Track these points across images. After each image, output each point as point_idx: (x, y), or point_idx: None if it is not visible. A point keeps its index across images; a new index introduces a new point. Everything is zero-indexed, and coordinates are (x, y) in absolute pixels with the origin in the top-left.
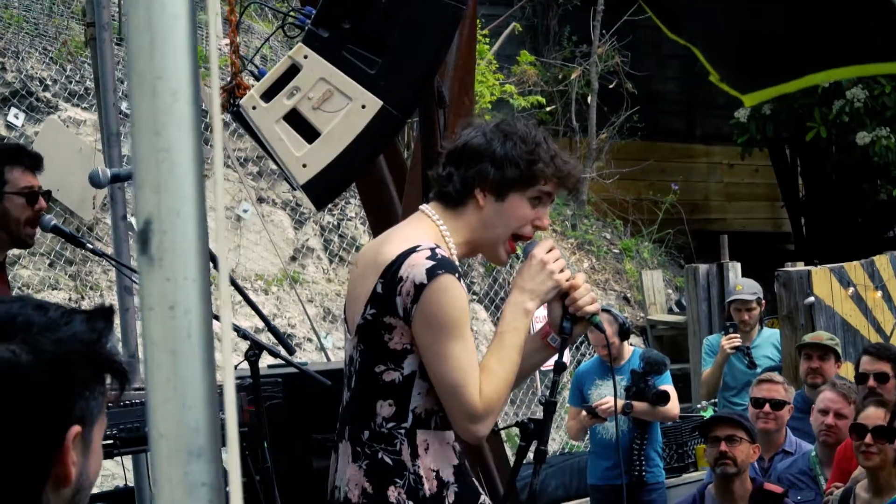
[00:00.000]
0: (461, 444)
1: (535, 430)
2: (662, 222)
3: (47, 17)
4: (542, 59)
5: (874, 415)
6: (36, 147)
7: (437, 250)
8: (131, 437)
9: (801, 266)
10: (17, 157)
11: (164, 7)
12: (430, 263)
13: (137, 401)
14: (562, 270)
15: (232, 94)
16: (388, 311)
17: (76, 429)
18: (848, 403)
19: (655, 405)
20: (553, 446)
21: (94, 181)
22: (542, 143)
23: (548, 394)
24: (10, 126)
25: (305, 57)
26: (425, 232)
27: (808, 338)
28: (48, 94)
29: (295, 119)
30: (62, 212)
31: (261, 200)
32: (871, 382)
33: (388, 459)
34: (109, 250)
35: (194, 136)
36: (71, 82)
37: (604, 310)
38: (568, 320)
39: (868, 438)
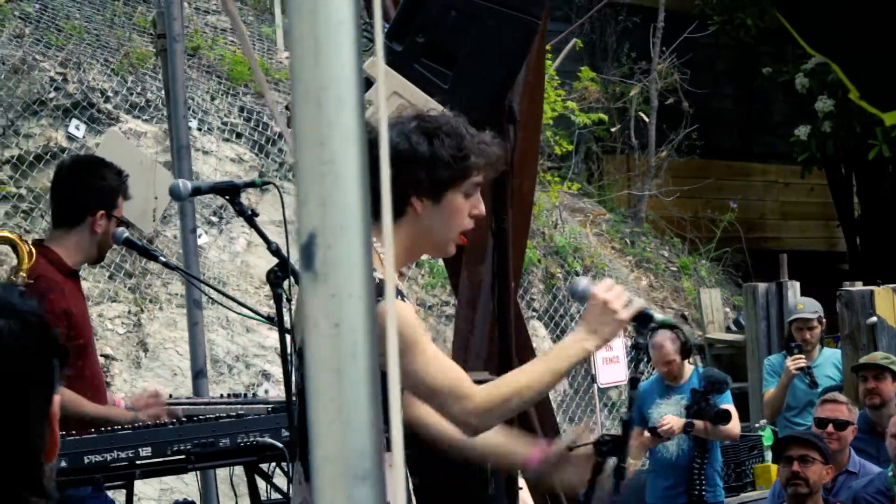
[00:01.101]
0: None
1: (612, 447)
2: (720, 241)
3: (109, 28)
4: (601, 75)
5: None
6: None
7: (376, 274)
8: (205, 453)
9: (859, 285)
10: (125, 187)
11: (328, 14)
12: None
13: (212, 416)
14: (626, 305)
15: None
16: None
17: (58, 397)
18: None
19: (716, 424)
20: None
21: (175, 194)
22: (466, 133)
23: (627, 410)
24: (71, 137)
25: None
26: None
27: (864, 359)
28: (109, 106)
29: None
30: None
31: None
32: None
33: None
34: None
35: (360, 147)
36: (132, 94)
37: (670, 325)
38: (642, 335)
39: None
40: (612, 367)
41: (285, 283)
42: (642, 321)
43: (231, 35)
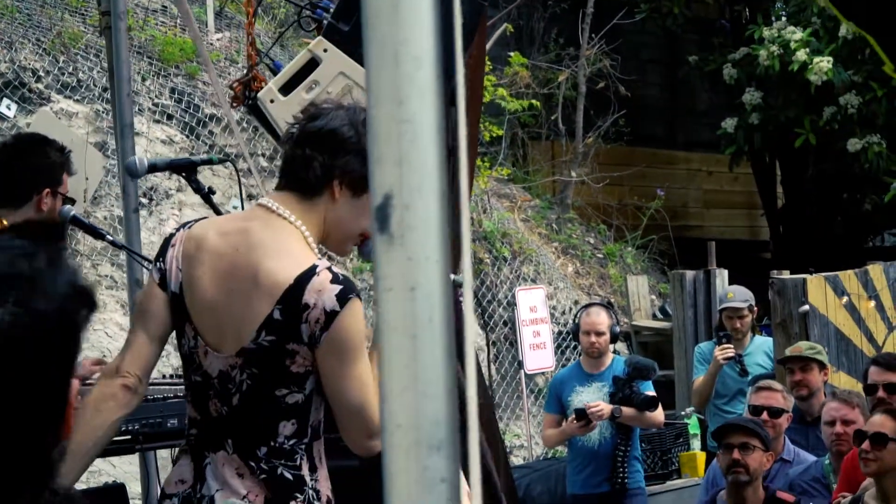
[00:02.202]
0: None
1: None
2: (645, 228)
3: (41, 7)
4: (530, 61)
5: (877, 422)
6: None
7: (335, 268)
8: (154, 433)
9: (786, 274)
10: (69, 163)
11: None
12: (338, 288)
13: (160, 395)
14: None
15: (247, 86)
16: (290, 337)
17: (76, 384)
18: (852, 408)
19: (643, 411)
20: (536, 451)
21: (132, 170)
22: None
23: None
24: (1, 116)
25: (325, 50)
26: (294, 241)
27: (788, 351)
28: (41, 86)
29: None
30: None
31: (251, 197)
32: (881, 393)
33: (288, 475)
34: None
35: (438, 107)
36: (64, 74)
37: (601, 304)
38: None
39: (866, 445)
40: (539, 354)
41: None
42: None
43: (162, 16)
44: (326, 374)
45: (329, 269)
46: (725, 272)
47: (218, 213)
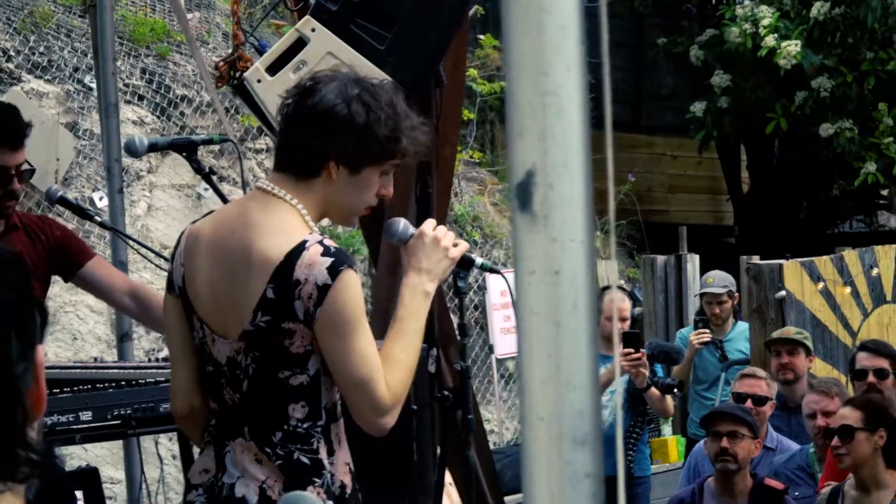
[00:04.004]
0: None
1: (455, 401)
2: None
3: None
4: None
5: (842, 415)
6: None
7: (326, 241)
8: (146, 418)
9: (756, 259)
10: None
11: None
12: (329, 261)
13: (151, 380)
14: (455, 245)
15: (233, 66)
16: (285, 316)
17: (41, 349)
18: (831, 398)
19: (664, 395)
20: (507, 436)
21: (131, 150)
22: (405, 115)
23: (460, 360)
24: None
25: (313, 30)
26: (289, 220)
27: (777, 334)
28: (11, 66)
29: None
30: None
31: (221, 179)
32: (871, 378)
33: (304, 459)
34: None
35: (583, 79)
36: (34, 54)
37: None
38: (462, 279)
39: (835, 441)
40: (510, 338)
41: None
42: (465, 264)
43: None
44: (326, 350)
45: (320, 242)
46: (697, 257)
47: (219, 192)
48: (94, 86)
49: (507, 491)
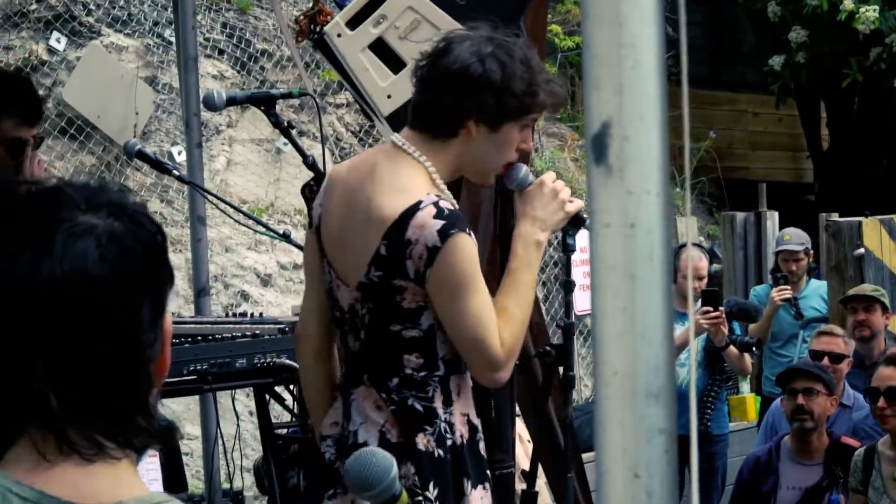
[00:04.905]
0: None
1: (558, 357)
2: (693, 170)
3: None
4: None
5: (887, 375)
6: (77, 73)
7: (442, 202)
8: (222, 373)
9: (836, 216)
10: (15, 107)
11: None
12: (440, 224)
13: (228, 335)
14: (571, 200)
15: (313, 20)
16: (397, 273)
17: (169, 319)
18: None
19: (743, 353)
20: (585, 393)
21: (210, 104)
22: (538, 69)
23: (564, 316)
24: (51, 50)
25: None
26: (415, 177)
27: (853, 291)
28: (91, 20)
29: (381, 48)
30: (102, 139)
31: (301, 134)
32: None
33: (418, 406)
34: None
35: (659, 31)
36: (115, 7)
37: (699, 247)
38: (571, 236)
39: (881, 402)
40: (590, 294)
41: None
42: (577, 222)
43: None
44: (439, 309)
45: (436, 203)
46: (776, 214)
47: (298, 147)
48: (173, 40)
49: (585, 448)
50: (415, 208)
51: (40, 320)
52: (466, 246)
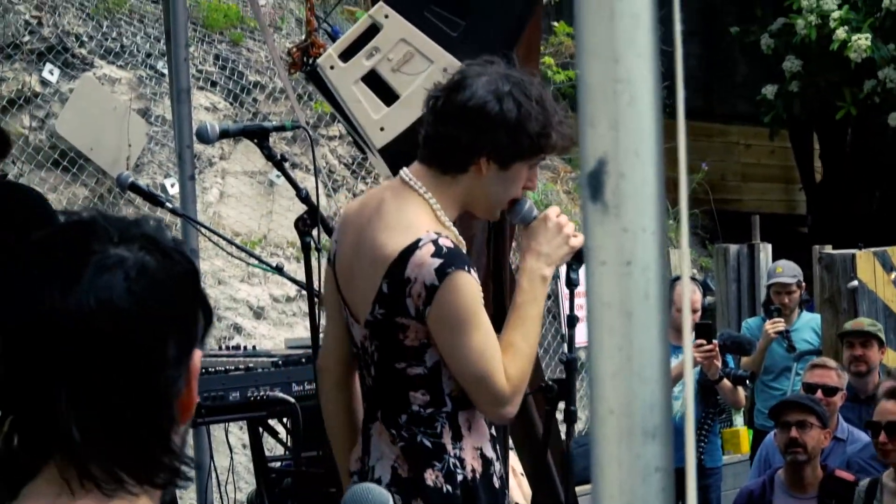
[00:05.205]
0: None
1: (560, 392)
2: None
3: None
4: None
5: (888, 409)
6: (70, 105)
7: (441, 240)
8: (215, 406)
9: (829, 249)
10: None
11: None
12: (438, 262)
13: (221, 368)
14: (575, 235)
15: (306, 52)
16: (398, 311)
17: (198, 355)
18: None
19: (736, 386)
20: (578, 426)
21: (203, 136)
22: (552, 110)
23: (567, 351)
24: (44, 82)
25: (386, 16)
26: (418, 214)
27: (850, 325)
28: (84, 51)
29: (374, 80)
30: (95, 172)
31: (294, 166)
32: None
33: (427, 442)
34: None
35: (655, 67)
36: (107, 39)
37: (694, 280)
38: (574, 270)
39: (882, 436)
40: (582, 327)
41: (314, 232)
42: (580, 258)
43: None
44: (441, 347)
45: (434, 241)
46: (769, 246)
47: (290, 180)
48: (166, 72)
49: (580, 481)
50: (414, 246)
51: (66, 350)
52: (465, 284)
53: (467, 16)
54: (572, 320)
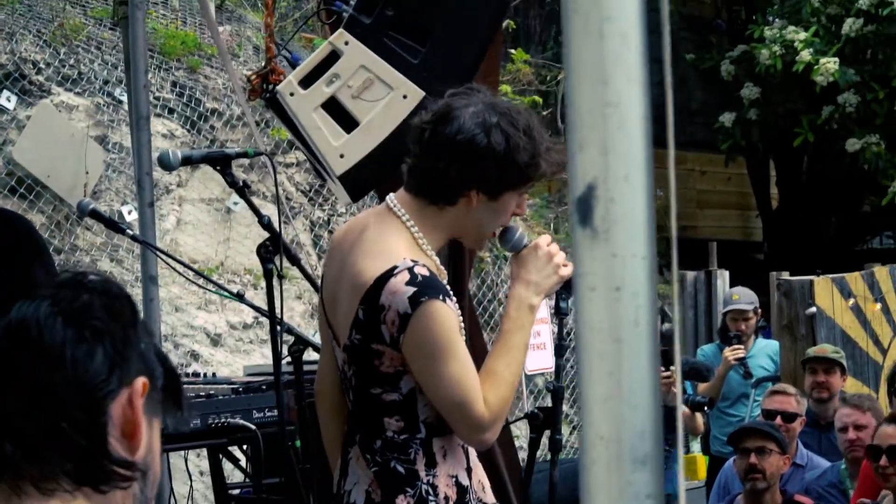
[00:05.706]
0: None
1: (545, 420)
2: None
3: None
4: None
5: (889, 433)
6: (28, 132)
7: (417, 268)
8: (175, 434)
9: (786, 275)
10: None
11: None
12: (412, 290)
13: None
14: (565, 265)
15: (265, 79)
16: (373, 338)
17: (142, 380)
18: (863, 412)
19: (694, 413)
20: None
21: (165, 163)
22: (540, 138)
23: (553, 379)
24: (1, 109)
25: (346, 43)
26: (398, 241)
27: (813, 351)
28: (41, 78)
29: (334, 107)
30: (52, 199)
31: (251, 193)
32: None
33: (400, 468)
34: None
35: (645, 90)
36: (64, 66)
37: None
38: (564, 300)
39: (883, 461)
40: (539, 354)
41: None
42: (570, 287)
43: (163, 9)
44: (417, 374)
45: (410, 269)
46: (727, 273)
47: (252, 207)
48: (124, 99)
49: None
50: (389, 273)
51: None
52: (438, 313)
53: (427, 42)
54: (561, 349)
